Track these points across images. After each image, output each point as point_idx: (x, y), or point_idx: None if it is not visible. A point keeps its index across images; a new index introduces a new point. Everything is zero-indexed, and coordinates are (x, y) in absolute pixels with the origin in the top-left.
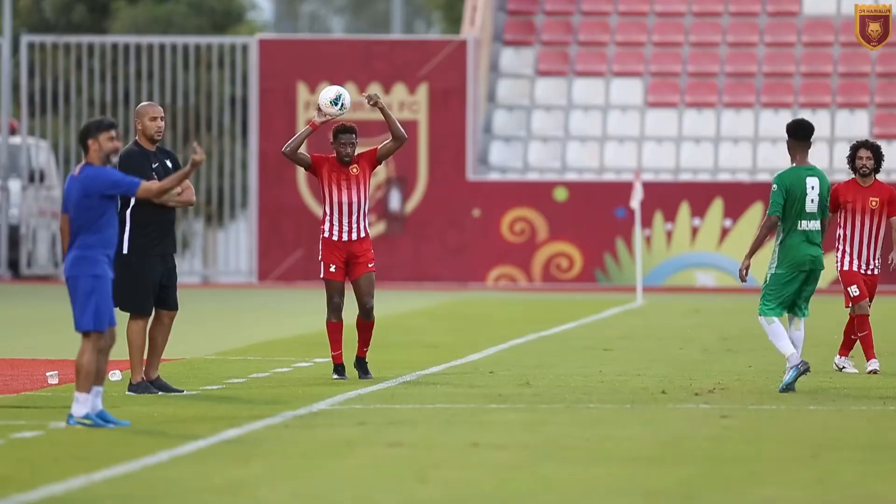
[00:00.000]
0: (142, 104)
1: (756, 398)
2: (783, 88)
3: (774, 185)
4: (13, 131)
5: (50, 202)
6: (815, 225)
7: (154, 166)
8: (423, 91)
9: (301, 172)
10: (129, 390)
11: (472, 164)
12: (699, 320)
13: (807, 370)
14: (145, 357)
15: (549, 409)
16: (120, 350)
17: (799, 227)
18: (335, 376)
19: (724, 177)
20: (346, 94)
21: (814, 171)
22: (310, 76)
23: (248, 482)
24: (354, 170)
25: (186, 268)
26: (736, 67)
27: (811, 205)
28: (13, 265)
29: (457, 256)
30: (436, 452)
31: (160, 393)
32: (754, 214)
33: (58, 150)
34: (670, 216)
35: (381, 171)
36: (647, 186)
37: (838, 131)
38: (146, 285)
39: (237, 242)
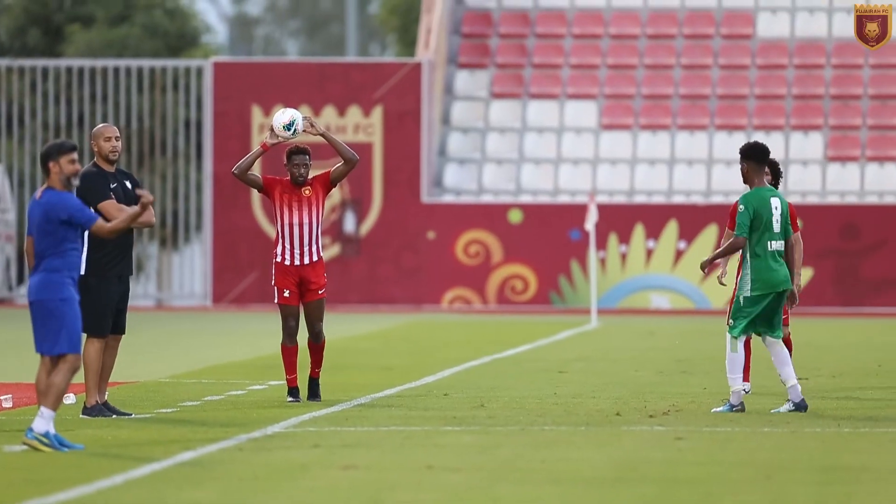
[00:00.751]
0: (98, 126)
1: (710, 420)
2: (737, 111)
3: (741, 206)
4: None
5: (4, 225)
6: (780, 245)
7: (112, 186)
8: (377, 113)
9: (256, 195)
10: (83, 413)
11: (426, 187)
12: (654, 342)
13: (740, 411)
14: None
15: (503, 431)
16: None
17: (769, 248)
18: (289, 399)
19: (678, 199)
20: (300, 117)
21: (775, 193)
22: (264, 99)
23: None
24: (307, 192)
25: (140, 291)
26: (690, 90)
27: (776, 225)
28: None
29: (411, 278)
30: (390, 475)
31: (114, 416)
32: (709, 236)
33: (12, 173)
34: (625, 238)
35: (336, 194)
36: (602, 208)
37: (792, 153)
38: (105, 306)
39: (192, 265)
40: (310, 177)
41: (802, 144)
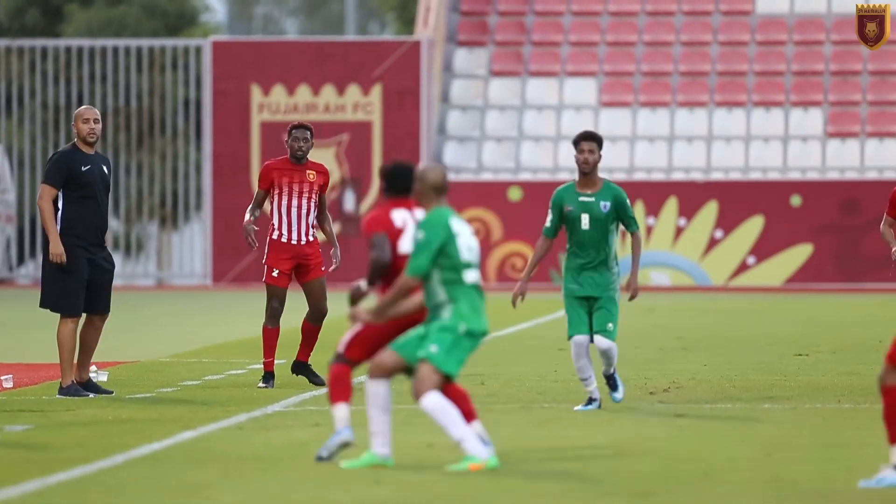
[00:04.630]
0: (79, 108)
1: (711, 397)
2: (737, 87)
3: None
4: None
5: (4, 206)
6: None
7: (86, 168)
8: (376, 92)
9: (255, 175)
10: (59, 393)
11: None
12: (654, 319)
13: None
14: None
15: (504, 409)
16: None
17: None
18: (261, 384)
19: (678, 176)
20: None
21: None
22: (263, 78)
23: (204, 484)
24: (311, 176)
25: (141, 270)
26: (689, 66)
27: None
28: None
29: None
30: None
31: (93, 395)
32: (708, 213)
33: (12, 153)
34: None
35: (336, 172)
36: None
37: (792, 129)
38: (76, 286)
39: (191, 245)
40: (309, 157)
41: (802, 120)
